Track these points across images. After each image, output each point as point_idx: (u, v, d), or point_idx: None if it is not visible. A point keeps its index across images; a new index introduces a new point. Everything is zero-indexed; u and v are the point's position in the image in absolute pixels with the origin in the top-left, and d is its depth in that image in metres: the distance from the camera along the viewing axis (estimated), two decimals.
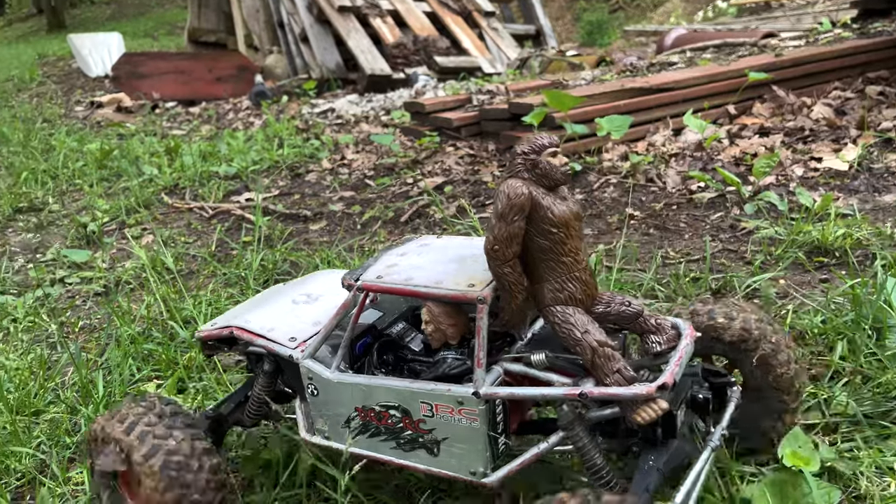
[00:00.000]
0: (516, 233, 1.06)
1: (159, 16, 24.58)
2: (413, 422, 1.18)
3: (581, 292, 1.10)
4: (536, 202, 1.06)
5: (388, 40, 8.52)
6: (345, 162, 4.23)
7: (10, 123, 6.42)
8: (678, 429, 1.10)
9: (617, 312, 1.14)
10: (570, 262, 1.09)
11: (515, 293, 1.10)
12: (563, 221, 1.07)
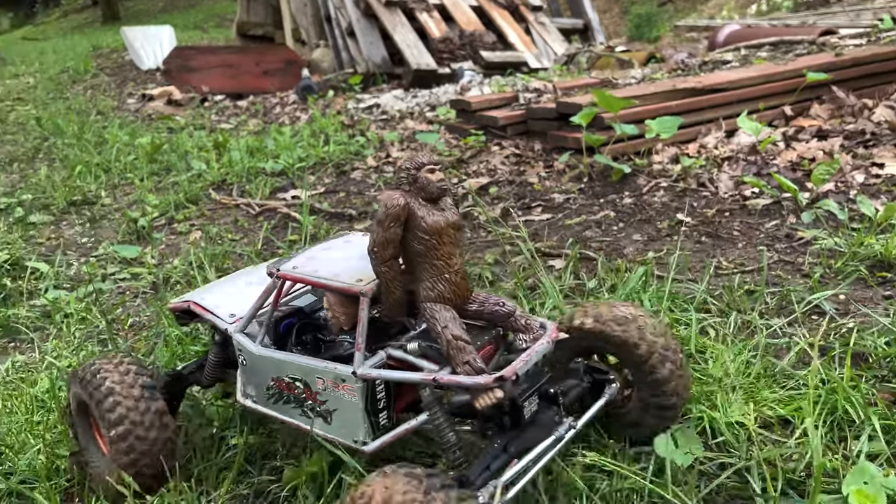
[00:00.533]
0: (392, 238, 1.19)
1: (209, 8, 24.94)
2: (312, 393, 1.34)
3: (450, 292, 1.24)
4: (412, 212, 1.20)
5: (434, 35, 8.50)
6: (390, 160, 4.23)
7: (65, 116, 6.59)
8: (524, 417, 1.22)
9: (490, 311, 1.29)
10: (442, 266, 1.23)
11: (392, 289, 1.24)
12: (436, 230, 1.21)
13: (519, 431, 1.23)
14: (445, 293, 1.23)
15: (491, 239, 2.82)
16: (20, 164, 5.03)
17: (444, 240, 1.22)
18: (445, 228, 1.22)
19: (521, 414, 1.23)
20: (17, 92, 9.14)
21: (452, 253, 1.23)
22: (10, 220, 3.59)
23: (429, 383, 1.21)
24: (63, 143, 5.40)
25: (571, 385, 1.37)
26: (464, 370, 1.19)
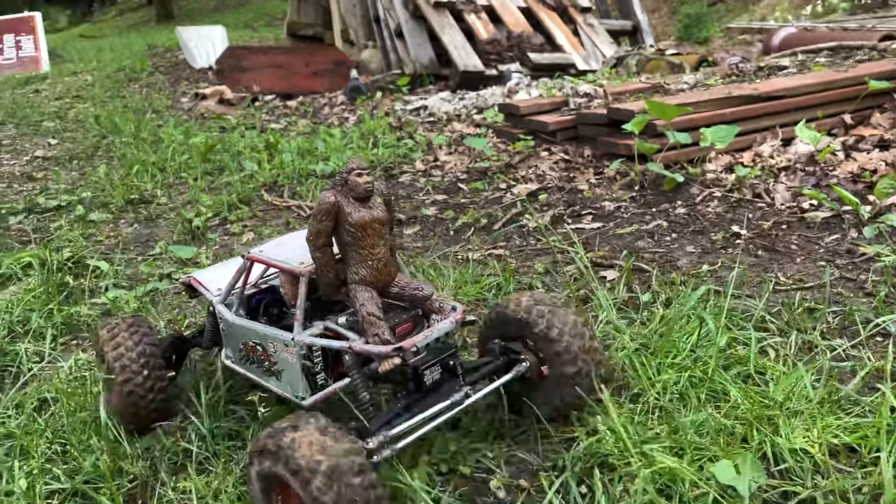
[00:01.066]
0: (323, 229, 1.41)
1: (259, 7, 25.32)
2: (268, 355, 1.57)
3: (372, 276, 1.44)
4: (341, 208, 1.41)
5: (482, 36, 8.49)
6: (438, 163, 4.24)
7: (123, 114, 6.77)
8: (425, 383, 1.43)
9: (410, 295, 1.50)
10: (366, 254, 1.43)
11: (325, 272, 1.46)
12: (361, 224, 1.41)
13: (420, 395, 1.43)
14: (367, 277, 1.44)
15: (541, 247, 2.81)
16: (80, 162, 5.19)
17: (368, 232, 1.42)
18: (370, 223, 1.42)
19: (423, 380, 1.43)
20: (76, 89, 9.42)
21: (376, 244, 1.44)
22: (71, 218, 3.71)
23: (346, 350, 1.43)
24: (120, 142, 5.55)
25: (484, 362, 1.58)
26: (373, 341, 1.39)
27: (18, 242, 3.39)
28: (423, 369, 1.42)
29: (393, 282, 1.49)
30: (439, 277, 2.45)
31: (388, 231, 1.47)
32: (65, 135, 6.33)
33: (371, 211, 1.42)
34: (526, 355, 1.57)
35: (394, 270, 1.48)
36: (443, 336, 1.45)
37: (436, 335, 1.44)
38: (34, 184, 4.62)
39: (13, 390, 1.89)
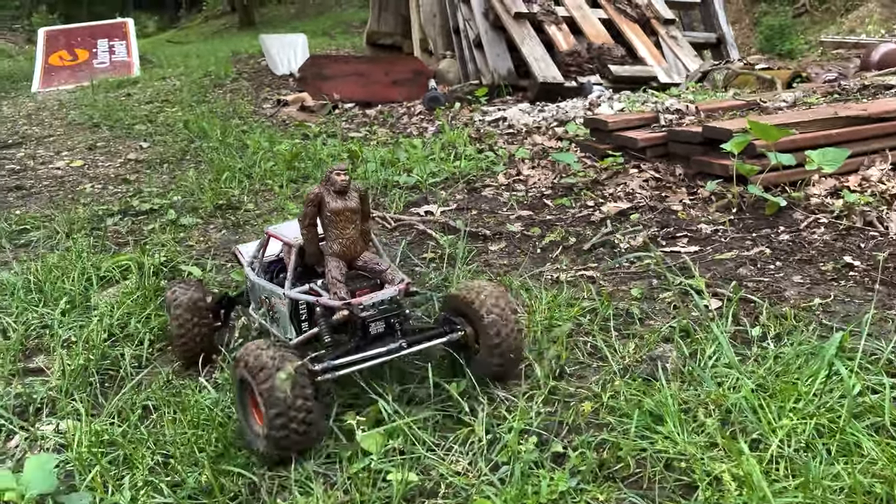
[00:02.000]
0: (309, 213, 1.82)
1: (336, 15, 25.87)
2: (271, 306, 1.98)
3: (342, 251, 1.83)
4: (323, 199, 1.80)
5: (562, 48, 8.38)
6: (521, 178, 4.17)
7: (209, 120, 6.97)
8: (370, 333, 1.77)
9: (370, 268, 1.88)
10: (338, 234, 1.82)
11: (309, 245, 1.87)
12: (336, 211, 1.80)
13: (366, 342, 1.78)
14: (338, 251, 1.83)
15: (635, 270, 2.70)
16: (170, 166, 5.35)
17: (341, 218, 1.81)
18: (343, 211, 1.81)
19: (368, 331, 1.78)
20: (165, 94, 9.78)
21: (347, 227, 1.83)
22: (163, 222, 3.82)
23: (314, 303, 1.83)
24: (208, 147, 5.71)
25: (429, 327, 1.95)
26: (333, 298, 1.78)
27: (115, 244, 3.50)
28: (368, 322, 1.78)
29: (360, 257, 1.88)
30: (531, 299, 2.38)
31: (359, 218, 1.86)
32: (155, 138, 6.56)
33: (346, 202, 1.82)
34: (464, 328, 1.90)
35: (360, 248, 1.88)
36: (387, 300, 1.81)
37: (379, 298, 1.80)
38: (127, 186, 4.78)
39: (116, 397, 1.92)
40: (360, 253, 1.87)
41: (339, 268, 1.82)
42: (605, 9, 9.25)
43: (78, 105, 9.31)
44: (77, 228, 3.66)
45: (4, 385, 2.07)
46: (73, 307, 2.59)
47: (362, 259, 1.88)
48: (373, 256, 1.89)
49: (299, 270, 1.93)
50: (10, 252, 3.49)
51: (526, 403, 1.79)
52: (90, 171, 5.41)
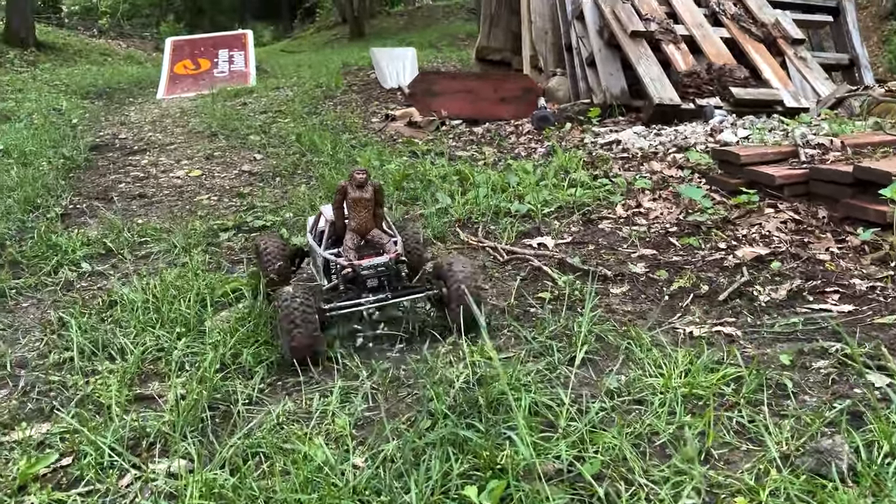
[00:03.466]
0: (337, 199, 2.54)
1: (443, 28, 26.13)
2: (315, 262, 2.72)
3: (356, 227, 2.53)
4: (347, 190, 2.51)
5: (681, 68, 8.00)
6: (641, 210, 3.93)
7: (321, 133, 7.07)
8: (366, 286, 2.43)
9: (377, 241, 2.54)
10: (354, 215, 2.52)
11: (337, 221, 2.60)
12: (354, 199, 2.50)
13: (363, 292, 2.43)
14: (354, 227, 2.54)
15: (780, 329, 2.43)
16: (282, 180, 5.43)
17: (358, 204, 2.51)
18: (359, 199, 2.50)
19: (365, 284, 2.43)
20: (278, 104, 10.08)
21: (361, 211, 2.52)
22: None
23: (334, 262, 2.53)
24: (319, 161, 5.76)
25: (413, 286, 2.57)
26: (344, 260, 2.46)
27: (229, 262, 3.52)
28: (365, 278, 2.43)
29: (370, 232, 2.57)
30: (663, 358, 2.17)
31: (372, 205, 2.55)
32: (268, 150, 6.71)
33: (362, 193, 2.51)
34: (439, 287, 2.47)
35: (371, 226, 2.56)
36: (382, 264, 2.44)
37: (375, 262, 2.44)
38: (242, 200, 4.87)
39: (228, 442, 1.86)
40: (370, 230, 2.57)
41: (353, 239, 2.53)
42: (727, 27, 8.78)
43: (198, 113, 9.73)
44: (193, 244, 3.72)
45: (121, 412, 2.06)
46: (188, 331, 2.58)
47: (372, 234, 2.57)
48: (379, 233, 2.57)
49: (334, 238, 2.64)
50: (131, 264, 3.58)
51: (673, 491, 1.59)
52: (207, 182, 5.57)
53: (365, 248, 2.54)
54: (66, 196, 5.17)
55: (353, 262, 2.45)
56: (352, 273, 2.44)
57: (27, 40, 16.70)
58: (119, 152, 7.25)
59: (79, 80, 14.22)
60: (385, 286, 2.45)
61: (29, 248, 3.81)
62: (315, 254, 2.69)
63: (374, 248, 2.54)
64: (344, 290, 2.47)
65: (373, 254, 2.50)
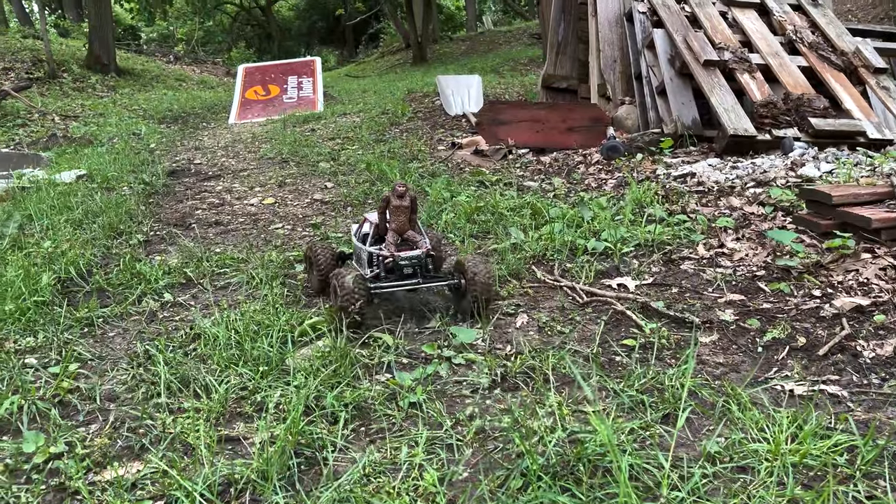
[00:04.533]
0: (381, 206, 3.10)
1: (505, 53, 26.22)
2: (359, 256, 3.26)
3: (396, 228, 3.08)
4: (390, 199, 3.07)
5: (756, 98, 7.78)
6: (724, 251, 3.79)
7: (389, 161, 7.13)
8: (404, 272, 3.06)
9: (412, 240, 3.10)
10: (394, 219, 3.07)
11: (381, 224, 3.15)
12: (395, 206, 3.05)
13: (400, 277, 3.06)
14: (395, 228, 3.09)
15: (889, 390, 2.27)
16: (353, 209, 5.47)
17: (398, 210, 3.06)
18: (399, 206, 3.05)
19: (402, 271, 3.04)
20: (345, 131, 10.24)
21: (400, 215, 3.06)
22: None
23: (377, 255, 3.10)
24: (388, 190, 5.78)
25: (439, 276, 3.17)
26: (386, 252, 3.05)
27: (306, 294, 3.54)
28: (402, 267, 3.04)
29: (407, 232, 3.10)
30: (765, 419, 2.05)
31: (409, 211, 3.09)
32: (339, 177, 6.80)
33: (402, 202, 3.05)
34: (459, 279, 3.07)
35: (407, 227, 3.10)
36: (415, 256, 3.04)
37: (410, 255, 3.03)
38: (315, 230, 4.92)
39: (319, 500, 1.83)
40: (406, 231, 3.12)
41: (393, 237, 3.10)
42: (805, 56, 8.52)
43: (268, 139, 9.97)
44: (271, 276, 3.76)
45: (209, 455, 2.06)
46: (271, 369, 2.59)
47: (408, 234, 3.12)
48: (413, 233, 3.13)
49: (376, 238, 3.21)
50: (211, 294, 3.65)
51: None
52: (280, 210, 5.66)
53: (402, 245, 3.12)
54: (147, 222, 5.33)
55: (394, 254, 3.05)
56: (391, 262, 3.06)
57: (108, 66, 17.51)
58: (195, 178, 7.47)
59: (156, 104, 14.80)
60: (417, 273, 3.07)
61: (115, 275, 3.92)
62: (361, 250, 3.24)
63: (409, 245, 3.12)
64: (385, 276, 3.08)
65: (407, 248, 3.10)
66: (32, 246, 4.56)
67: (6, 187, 6.52)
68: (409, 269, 3.05)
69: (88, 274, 4.04)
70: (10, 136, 11.19)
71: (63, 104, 14.03)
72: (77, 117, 12.81)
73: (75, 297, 3.74)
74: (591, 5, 9.64)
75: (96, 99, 15.13)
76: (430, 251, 3.09)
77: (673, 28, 8.39)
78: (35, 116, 12.37)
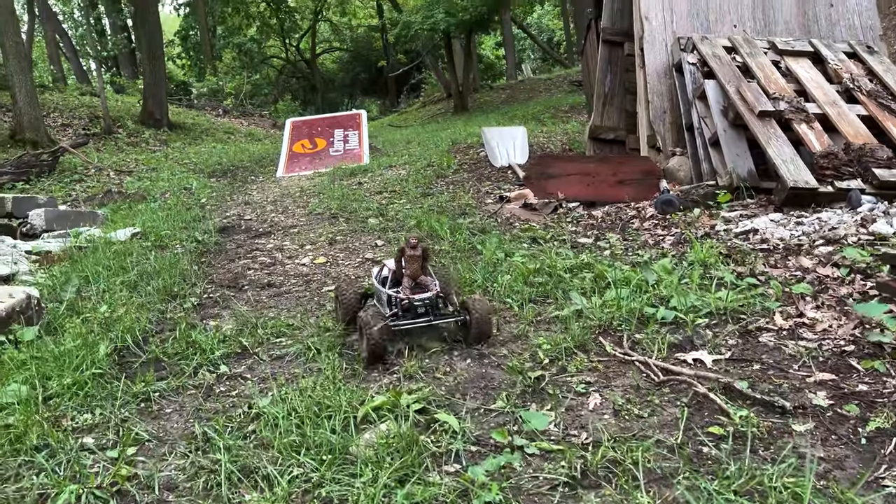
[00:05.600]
0: (397, 256, 3.71)
1: (545, 100, 26.33)
2: (379, 297, 3.76)
3: (410, 273, 3.63)
4: (404, 249, 3.66)
5: (815, 148, 7.55)
6: (805, 321, 3.56)
7: (437, 217, 7.06)
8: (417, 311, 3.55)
9: (424, 283, 3.64)
10: (408, 266, 3.64)
11: (397, 271, 3.75)
12: (409, 256, 3.63)
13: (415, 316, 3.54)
14: (409, 274, 3.61)
15: None
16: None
17: (411, 259, 3.60)
18: (412, 256, 3.59)
19: (417, 310, 3.52)
20: (391, 184, 10.26)
21: (413, 263, 3.60)
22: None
23: (395, 297, 3.59)
24: (441, 250, 5.70)
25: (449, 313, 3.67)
26: (402, 295, 3.56)
27: (364, 368, 3.43)
28: (417, 307, 3.53)
29: (419, 277, 3.62)
30: None
31: (421, 259, 3.62)
32: (388, 234, 6.75)
33: (415, 252, 3.59)
34: (465, 316, 3.57)
35: (420, 273, 3.62)
36: (427, 298, 3.54)
37: (422, 297, 3.54)
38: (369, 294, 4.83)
39: None
40: (419, 276, 3.62)
41: (409, 282, 3.60)
42: (864, 104, 8.27)
43: (316, 193, 10.04)
44: (327, 346, 3.66)
45: None
46: (334, 458, 2.46)
47: (420, 279, 3.61)
48: (425, 278, 3.64)
49: (393, 281, 3.73)
50: (268, 365, 3.56)
51: None
52: (332, 270, 5.61)
53: (416, 288, 3.60)
54: (200, 284, 5.32)
55: (409, 296, 3.54)
56: (408, 303, 3.53)
57: (161, 121, 18.09)
58: (245, 234, 7.51)
59: (205, 158, 15.16)
60: (429, 312, 3.54)
61: (170, 344, 3.87)
62: (380, 292, 3.70)
63: (421, 288, 3.60)
64: (402, 315, 3.54)
65: (420, 291, 3.58)
66: (89, 310, 4.57)
67: (64, 247, 6.63)
68: (423, 309, 3.53)
69: (144, 342, 4.00)
70: (67, 191, 11.53)
71: (118, 159, 14.47)
72: (131, 172, 13.17)
73: (132, 367, 3.70)
74: (638, 57, 9.58)
75: (149, 153, 15.59)
76: (439, 294, 3.61)
77: (725, 79, 8.25)
78: (91, 172, 12.75)
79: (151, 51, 17.87)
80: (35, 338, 3.95)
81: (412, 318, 3.52)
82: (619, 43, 10.36)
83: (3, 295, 4.12)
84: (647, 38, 9.38)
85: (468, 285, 4.53)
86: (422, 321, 3.52)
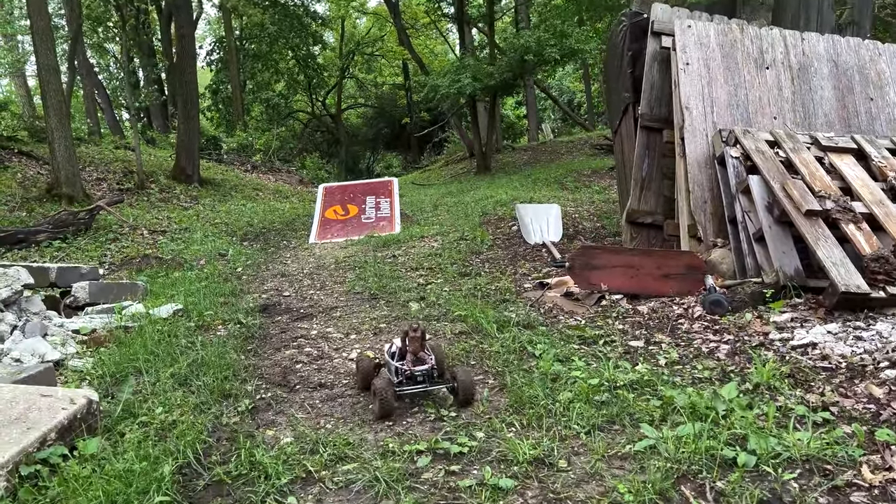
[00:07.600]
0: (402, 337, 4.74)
1: (567, 164, 26.52)
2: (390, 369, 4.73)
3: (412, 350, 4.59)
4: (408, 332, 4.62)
5: (865, 251, 7.47)
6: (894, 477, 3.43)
7: (482, 309, 6.99)
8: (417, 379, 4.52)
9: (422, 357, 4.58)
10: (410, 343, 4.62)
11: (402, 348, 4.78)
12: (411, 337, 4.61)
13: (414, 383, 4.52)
14: (410, 350, 4.59)
15: None
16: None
17: (413, 339, 4.58)
18: (414, 337, 4.57)
19: (416, 379, 4.50)
20: (427, 258, 10.24)
21: (415, 343, 4.57)
22: (478, 481, 3.60)
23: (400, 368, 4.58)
24: (492, 351, 5.61)
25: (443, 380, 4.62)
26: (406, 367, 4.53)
27: None
28: (416, 375, 4.48)
29: (419, 353, 4.54)
30: None
31: (421, 339, 4.57)
32: (433, 324, 6.67)
33: (416, 333, 4.54)
34: (454, 383, 4.47)
35: (420, 350, 4.55)
36: (425, 369, 4.49)
37: (421, 368, 4.49)
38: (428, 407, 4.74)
39: None
40: (419, 351, 4.52)
41: (411, 357, 4.52)
42: None
43: (352, 266, 10.04)
44: (395, 477, 3.56)
45: None
46: None
47: (420, 354, 4.50)
48: (423, 353, 4.54)
49: (399, 356, 4.63)
50: (334, 497, 3.46)
51: None
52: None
53: (416, 362, 4.51)
54: (251, 381, 5.26)
55: (411, 368, 4.48)
56: (409, 373, 4.46)
57: (192, 177, 18.32)
58: (287, 316, 7.48)
59: (236, 217, 15.29)
60: (426, 380, 4.48)
61: (233, 465, 3.79)
62: (390, 364, 4.64)
63: (420, 362, 4.51)
64: (406, 382, 4.47)
65: (420, 363, 4.50)
66: (146, 412, 4.52)
67: (109, 326, 6.61)
68: (421, 378, 4.48)
69: (204, 455, 3.92)
70: (102, 251, 11.61)
71: (150, 216, 14.61)
72: (164, 232, 13.27)
73: (195, 490, 3.61)
74: (678, 146, 9.63)
75: (181, 210, 15.74)
76: (434, 366, 4.54)
77: (769, 174, 8.25)
78: (125, 230, 12.86)
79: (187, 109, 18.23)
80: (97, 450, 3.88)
81: (413, 384, 4.49)
82: (658, 129, 10.44)
83: (65, 401, 4.07)
84: (687, 128, 9.45)
85: (531, 407, 4.42)
86: (420, 387, 4.49)
